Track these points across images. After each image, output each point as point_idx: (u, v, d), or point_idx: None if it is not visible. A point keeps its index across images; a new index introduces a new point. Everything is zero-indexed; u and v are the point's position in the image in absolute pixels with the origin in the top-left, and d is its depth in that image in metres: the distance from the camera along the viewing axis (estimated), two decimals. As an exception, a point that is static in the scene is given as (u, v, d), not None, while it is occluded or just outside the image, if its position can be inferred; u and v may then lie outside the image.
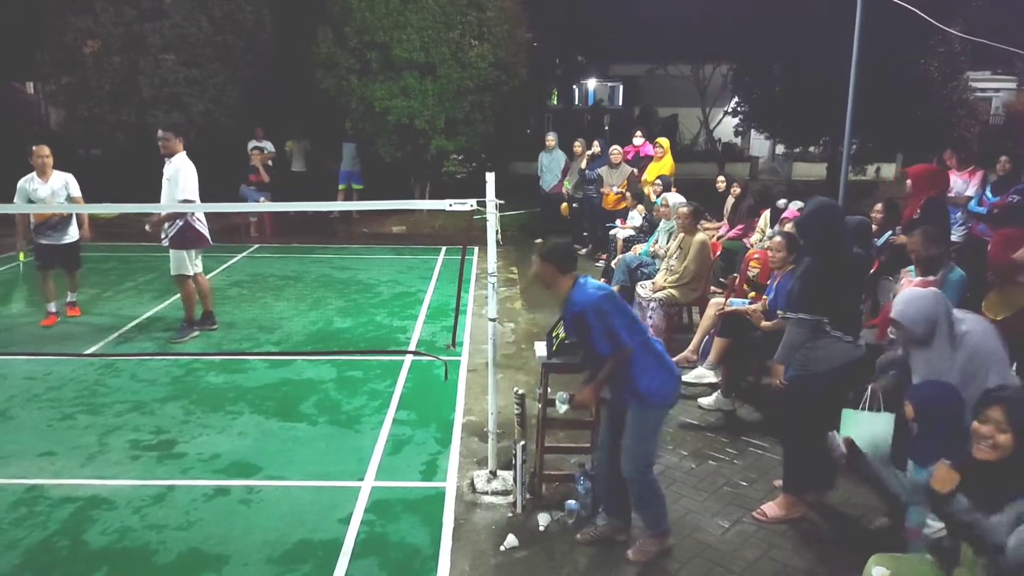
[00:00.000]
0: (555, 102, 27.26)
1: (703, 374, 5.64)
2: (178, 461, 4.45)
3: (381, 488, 4.17)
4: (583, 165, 10.37)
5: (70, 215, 6.92)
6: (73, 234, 7.03)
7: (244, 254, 10.36)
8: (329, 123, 13.46)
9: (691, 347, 5.94)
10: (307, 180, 13.26)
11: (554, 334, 3.98)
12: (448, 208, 3.86)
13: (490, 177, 3.84)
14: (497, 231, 3.88)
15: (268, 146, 12.33)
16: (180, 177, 6.31)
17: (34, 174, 6.71)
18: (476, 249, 10.44)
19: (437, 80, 11.77)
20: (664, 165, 9.56)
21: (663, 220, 7.36)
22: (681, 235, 6.54)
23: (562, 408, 3.62)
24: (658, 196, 8.07)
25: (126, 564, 3.47)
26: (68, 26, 11.39)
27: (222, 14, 11.84)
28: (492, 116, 12.55)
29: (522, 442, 3.89)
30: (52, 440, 4.70)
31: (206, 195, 6.73)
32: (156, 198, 6.47)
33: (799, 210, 5.83)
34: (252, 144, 12.10)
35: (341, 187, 13.22)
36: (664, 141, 9.90)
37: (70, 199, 6.77)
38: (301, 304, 7.90)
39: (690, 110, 23.69)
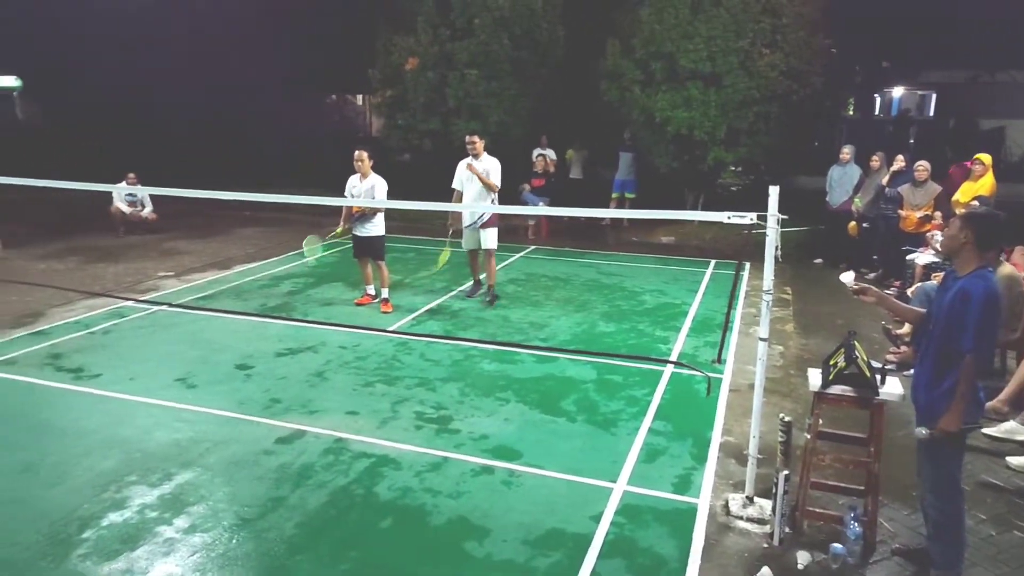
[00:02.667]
0: (851, 112, 24.97)
1: (1015, 430, 4.83)
2: (452, 436, 4.93)
3: (632, 493, 4.21)
4: (884, 181, 9.40)
5: (374, 212, 7.81)
6: (373, 229, 7.84)
7: (521, 254, 11.08)
8: (608, 133, 13.84)
9: (1004, 395, 5.09)
10: (583, 187, 13.78)
11: (832, 362, 3.70)
12: (725, 221, 3.78)
13: (773, 191, 3.68)
14: (777, 247, 3.71)
15: (551, 153, 13.03)
16: (493, 170, 7.96)
17: (358, 175, 7.81)
18: (748, 265, 10.04)
19: (722, 90, 11.50)
20: (983, 184, 8.30)
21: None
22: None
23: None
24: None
25: (406, 519, 3.94)
26: (395, 46, 13.14)
27: (521, 31, 12.77)
28: (778, 127, 11.93)
29: (785, 472, 3.68)
30: (356, 402, 5.48)
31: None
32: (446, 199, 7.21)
33: None
34: (537, 151, 12.88)
35: (614, 195, 13.52)
36: (985, 157, 8.59)
37: (374, 200, 7.72)
38: (568, 306, 8.24)
39: (1021, 122, 20.19)
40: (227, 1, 16.71)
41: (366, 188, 7.71)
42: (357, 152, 7.72)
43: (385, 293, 8.01)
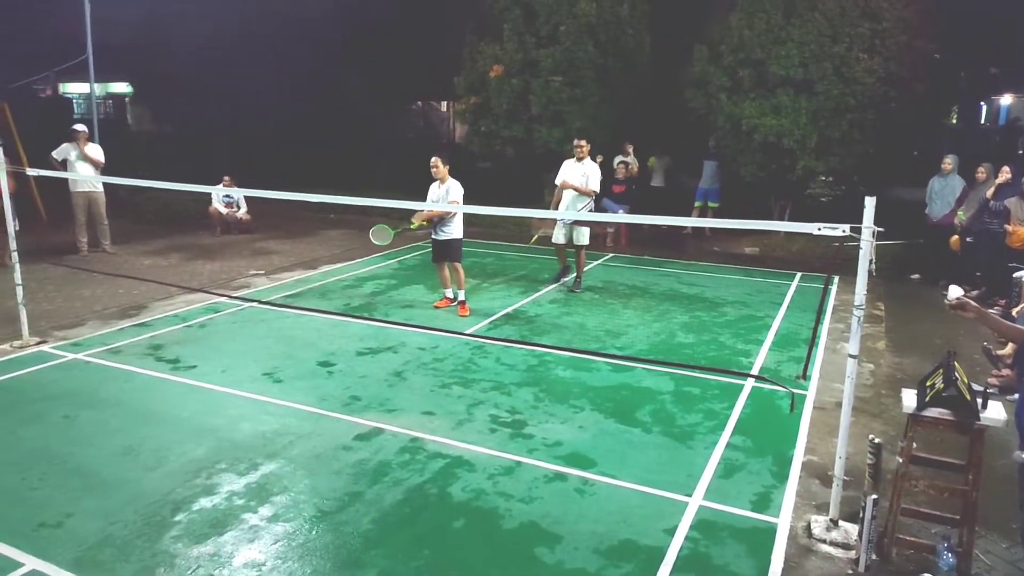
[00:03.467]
0: (955, 120, 23.64)
1: None
2: (526, 441, 4.94)
3: (709, 508, 4.11)
4: (989, 194, 8.86)
5: (449, 216, 7.92)
6: (451, 232, 7.96)
7: (599, 261, 11.01)
8: (692, 141, 13.59)
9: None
10: (665, 195, 13.57)
11: (929, 383, 3.51)
12: (816, 232, 3.64)
13: (869, 202, 3.53)
14: (872, 260, 3.55)
15: (631, 160, 12.90)
16: (593, 174, 8.92)
17: (437, 181, 7.95)
18: (836, 278, 9.66)
19: (814, 97, 11.12)
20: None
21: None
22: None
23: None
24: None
25: (479, 521, 3.98)
26: (480, 54, 13.32)
27: (607, 38, 12.71)
28: (874, 135, 11.43)
29: (873, 496, 3.51)
30: (432, 403, 5.57)
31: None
32: (532, 205, 7.25)
33: None
34: (619, 159, 12.78)
35: (697, 204, 13.26)
36: (1107, 170, 7.98)
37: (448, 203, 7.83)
38: (647, 315, 8.13)
39: None
40: (321, 12, 17.36)
41: (442, 193, 7.88)
42: (432, 159, 7.89)
43: (461, 295, 8.14)
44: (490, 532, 3.88)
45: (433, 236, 8.10)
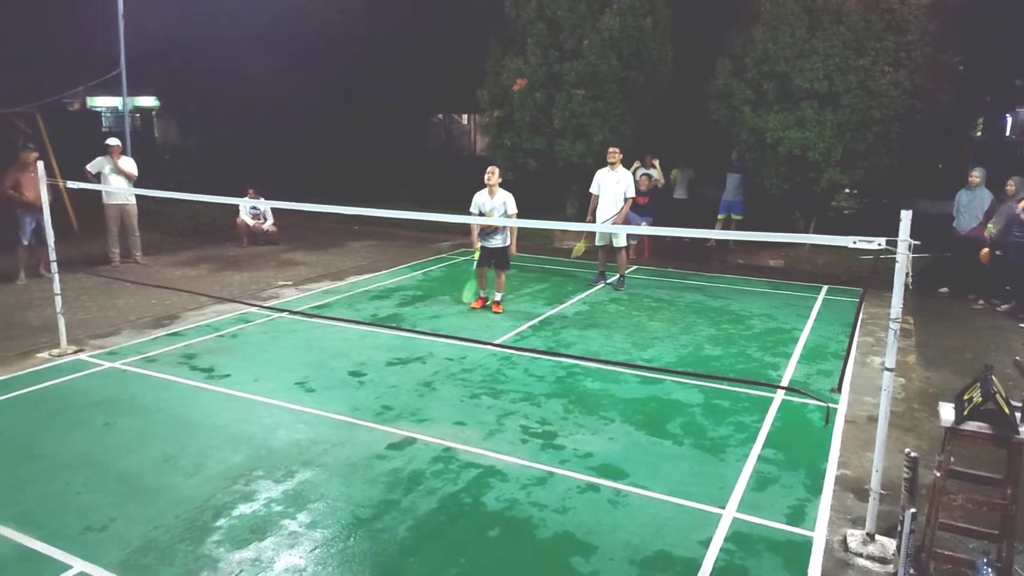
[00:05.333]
0: (980, 133, 23.41)
1: None
2: (558, 452, 4.98)
3: (742, 521, 4.12)
4: (1020, 207, 8.79)
5: (504, 227, 8.30)
6: (504, 240, 8.44)
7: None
8: (715, 153, 13.60)
9: None
10: (687, 208, 13.58)
11: (966, 397, 3.51)
12: (851, 245, 3.67)
13: (905, 215, 3.55)
14: (908, 273, 3.56)
15: (654, 173, 12.93)
16: (628, 182, 9.48)
17: (486, 190, 8.25)
18: (862, 291, 9.61)
19: (839, 110, 11.11)
20: None
21: None
22: None
23: None
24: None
25: (513, 530, 4.01)
26: (504, 68, 13.44)
27: (630, 51, 12.79)
28: (899, 148, 11.39)
29: (911, 510, 3.50)
30: (463, 413, 5.62)
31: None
32: (553, 217, 7.34)
33: None
34: (642, 171, 12.81)
35: (720, 216, 13.26)
36: None
37: (506, 214, 8.17)
38: (673, 327, 8.14)
39: None
40: (345, 25, 17.63)
41: (497, 203, 8.21)
42: (489, 168, 8.29)
43: (498, 297, 8.61)
44: (525, 541, 3.91)
45: (484, 244, 8.44)
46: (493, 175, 8.24)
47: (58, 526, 3.94)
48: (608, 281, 10.10)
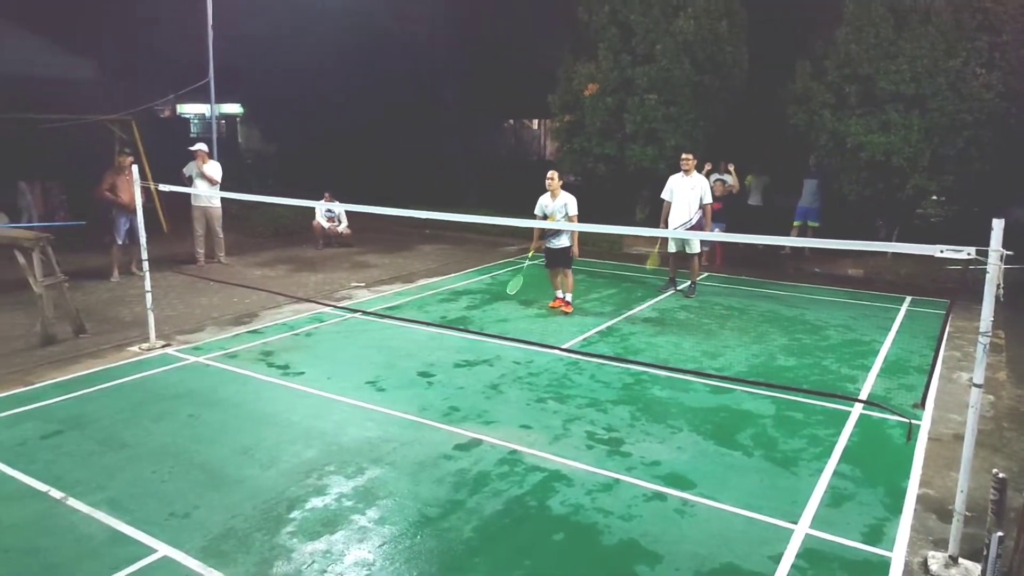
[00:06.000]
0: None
1: None
2: (624, 459, 4.94)
3: (815, 537, 3.99)
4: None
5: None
6: (565, 242, 8.52)
7: (693, 281, 10.84)
8: (792, 158, 13.23)
9: None
10: (762, 214, 13.24)
11: (1063, 416, 3.30)
12: (938, 255, 3.51)
13: (997, 224, 3.38)
14: (999, 285, 3.39)
15: (728, 179, 12.68)
16: (703, 187, 9.51)
17: (548, 193, 8.44)
18: (949, 303, 9.16)
19: (926, 113, 10.64)
20: None
21: None
22: None
23: None
24: None
25: (578, 535, 4.00)
26: (576, 73, 13.44)
27: (704, 55, 12.58)
28: (992, 153, 10.81)
29: (998, 533, 3.33)
30: (529, 416, 5.65)
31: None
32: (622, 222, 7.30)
33: None
34: (715, 176, 12.57)
35: (796, 223, 12.89)
36: None
37: (567, 217, 8.23)
38: (744, 336, 7.96)
39: None
40: (423, 31, 18.03)
41: (559, 206, 8.34)
42: (550, 172, 8.45)
43: (568, 296, 8.75)
44: (590, 547, 3.90)
45: (548, 245, 8.63)
46: (553, 179, 8.40)
47: (145, 511, 4.16)
48: (678, 288, 9.96)
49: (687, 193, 9.44)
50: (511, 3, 16.73)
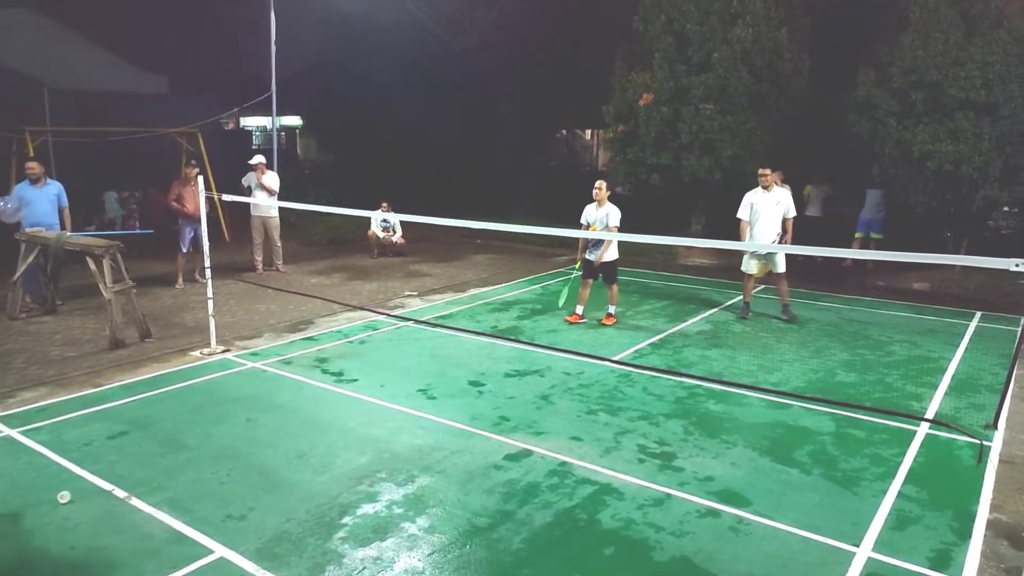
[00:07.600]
0: None
1: None
2: (676, 474, 4.84)
3: (878, 561, 3.83)
4: None
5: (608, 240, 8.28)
6: (610, 255, 8.47)
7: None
8: (854, 168, 12.85)
9: None
10: (822, 225, 12.88)
11: None
12: (1013, 268, 3.35)
13: (1078, 236, 3.20)
14: (1080, 301, 3.21)
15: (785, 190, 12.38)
16: (788, 201, 8.87)
17: (595, 203, 8.41)
18: (1022, 319, 8.74)
19: (998, 121, 10.21)
20: None
21: None
22: None
23: None
24: None
25: (628, 550, 3.94)
26: (630, 82, 13.35)
27: (762, 63, 12.34)
28: (1070, 163, 10.32)
29: (1080, 564, 3.14)
30: (580, 428, 5.59)
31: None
32: (677, 233, 7.19)
33: None
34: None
35: (858, 235, 12.52)
36: None
37: (607, 227, 8.22)
38: (803, 350, 7.74)
39: None
40: (477, 41, 18.18)
41: (601, 216, 8.27)
42: (598, 182, 8.37)
43: (612, 310, 8.67)
44: (641, 562, 3.83)
45: (588, 257, 8.53)
46: (601, 189, 8.32)
47: (203, 512, 4.27)
48: (786, 317, 9.03)
49: (772, 209, 8.73)
50: (566, 13, 16.74)
